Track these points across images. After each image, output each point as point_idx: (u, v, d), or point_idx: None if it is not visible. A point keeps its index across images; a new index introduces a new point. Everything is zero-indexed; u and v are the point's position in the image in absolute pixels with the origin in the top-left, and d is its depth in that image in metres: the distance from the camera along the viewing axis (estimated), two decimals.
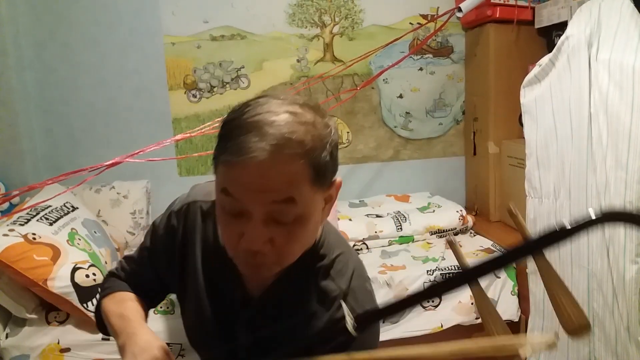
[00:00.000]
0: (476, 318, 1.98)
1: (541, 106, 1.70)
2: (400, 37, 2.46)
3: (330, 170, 0.69)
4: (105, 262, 1.95)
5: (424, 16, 2.69)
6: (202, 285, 0.84)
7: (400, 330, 1.92)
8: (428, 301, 1.96)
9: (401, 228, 2.32)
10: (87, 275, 1.74)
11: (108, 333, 0.88)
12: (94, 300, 1.73)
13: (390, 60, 2.55)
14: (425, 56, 2.73)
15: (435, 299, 1.96)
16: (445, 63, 2.76)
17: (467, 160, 2.83)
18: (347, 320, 0.60)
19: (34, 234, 1.75)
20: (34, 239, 1.73)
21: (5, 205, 2.12)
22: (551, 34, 2.29)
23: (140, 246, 0.94)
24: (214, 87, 2.59)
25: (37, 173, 2.40)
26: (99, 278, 1.77)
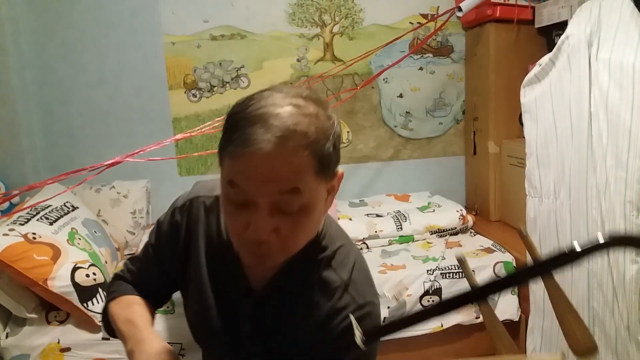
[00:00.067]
0: (476, 317, 1.98)
1: (541, 105, 1.70)
2: (401, 37, 2.46)
3: (333, 161, 0.70)
4: (106, 262, 1.95)
5: (424, 15, 2.69)
6: (206, 279, 0.85)
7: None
8: (428, 301, 1.96)
9: (401, 227, 2.32)
10: (87, 275, 1.74)
11: (116, 336, 0.89)
12: (94, 300, 1.73)
13: (390, 59, 2.55)
14: (425, 56, 2.73)
15: (436, 299, 1.97)
16: (445, 62, 2.76)
17: (467, 159, 2.83)
18: (356, 333, 0.60)
19: (34, 234, 1.75)
20: (34, 238, 1.73)
21: (5, 204, 2.12)
22: (551, 34, 2.29)
23: (145, 245, 0.95)
24: (214, 87, 2.59)
25: (37, 173, 2.40)
26: (99, 278, 1.77)
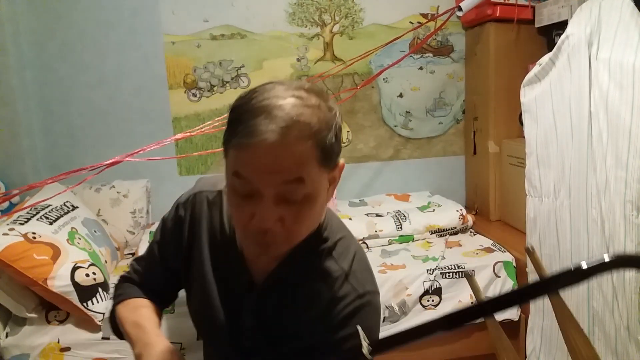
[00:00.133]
0: None
1: (541, 105, 1.70)
2: (401, 36, 2.46)
3: (335, 151, 0.71)
4: (105, 261, 1.95)
5: (424, 15, 2.69)
6: (209, 273, 0.86)
7: (400, 330, 1.92)
8: (428, 300, 1.96)
9: (401, 227, 2.32)
10: (87, 275, 1.74)
11: (124, 338, 0.90)
12: (94, 300, 1.73)
13: (390, 59, 2.55)
14: (425, 55, 2.73)
15: (435, 298, 1.97)
16: (445, 62, 2.76)
17: (467, 159, 2.83)
18: (363, 344, 0.61)
19: (34, 233, 1.75)
20: (34, 238, 1.73)
21: (5, 204, 2.12)
22: (551, 33, 2.29)
23: (150, 244, 0.97)
24: (214, 86, 2.59)
25: (37, 172, 2.40)
26: (99, 277, 1.77)
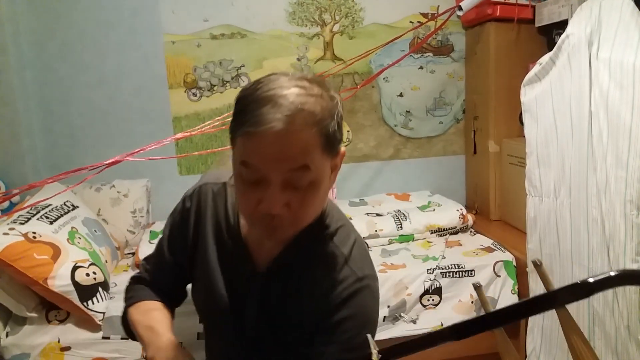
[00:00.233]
0: None
1: (541, 104, 1.70)
2: (401, 36, 2.46)
3: (337, 139, 0.75)
4: (106, 261, 1.95)
5: (424, 15, 2.69)
6: (214, 262, 0.89)
7: (400, 329, 1.92)
8: (428, 300, 1.96)
9: (401, 227, 2.32)
10: (88, 274, 1.74)
11: (136, 339, 0.93)
12: (94, 299, 1.73)
13: (390, 58, 2.55)
14: (425, 55, 2.73)
15: (436, 298, 1.97)
16: (445, 62, 2.75)
17: (468, 159, 2.83)
18: (373, 352, 0.63)
19: (34, 233, 1.75)
20: (34, 237, 1.73)
21: (6, 204, 2.12)
22: (551, 33, 2.29)
23: (159, 241, 1.00)
24: (214, 86, 2.59)
25: (37, 172, 2.40)
26: (99, 277, 1.77)
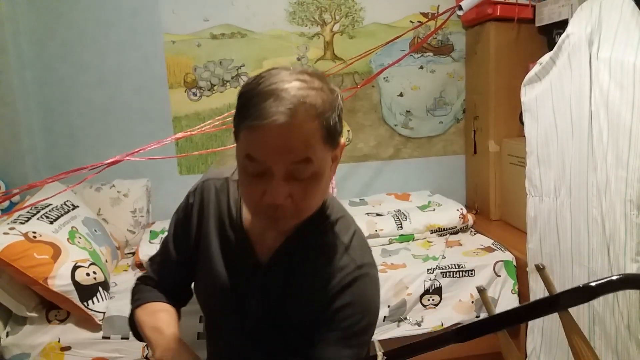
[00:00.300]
0: (476, 317, 1.98)
1: (542, 104, 1.70)
2: (401, 36, 2.46)
3: (338, 131, 0.77)
4: (106, 261, 1.95)
5: (425, 14, 2.68)
6: (217, 256, 0.91)
7: (401, 329, 1.92)
8: (428, 300, 1.96)
9: (401, 226, 2.32)
10: (88, 274, 1.74)
11: (143, 340, 0.94)
12: (94, 299, 1.73)
13: (390, 58, 2.55)
14: (425, 54, 2.73)
15: (436, 298, 1.97)
16: (445, 61, 2.75)
17: (468, 158, 2.83)
18: (378, 354, 0.64)
19: (35, 233, 1.75)
20: (35, 237, 1.73)
21: (6, 203, 2.12)
22: (552, 32, 2.29)
23: (163, 240, 1.02)
24: (215, 86, 2.59)
25: (37, 171, 2.40)
26: (100, 276, 1.77)
